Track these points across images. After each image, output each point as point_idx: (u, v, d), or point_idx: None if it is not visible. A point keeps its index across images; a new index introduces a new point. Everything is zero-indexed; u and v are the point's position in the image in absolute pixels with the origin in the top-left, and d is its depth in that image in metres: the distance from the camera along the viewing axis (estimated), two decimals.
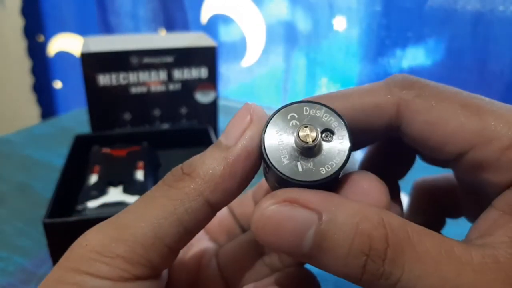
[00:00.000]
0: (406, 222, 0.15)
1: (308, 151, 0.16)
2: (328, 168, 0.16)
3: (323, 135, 0.16)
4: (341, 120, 0.16)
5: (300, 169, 0.16)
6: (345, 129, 0.16)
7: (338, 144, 0.16)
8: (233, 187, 0.17)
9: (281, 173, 0.16)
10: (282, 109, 0.17)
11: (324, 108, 0.16)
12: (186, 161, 0.18)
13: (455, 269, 0.14)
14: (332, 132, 0.16)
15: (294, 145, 0.16)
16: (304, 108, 0.17)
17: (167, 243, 0.16)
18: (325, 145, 0.16)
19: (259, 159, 0.17)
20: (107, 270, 0.16)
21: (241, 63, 0.98)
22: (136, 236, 0.16)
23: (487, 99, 0.17)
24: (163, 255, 0.17)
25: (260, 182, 0.18)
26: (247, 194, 0.24)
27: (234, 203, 0.24)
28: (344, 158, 0.16)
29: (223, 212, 0.24)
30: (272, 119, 0.16)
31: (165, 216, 0.16)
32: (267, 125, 0.16)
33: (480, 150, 0.16)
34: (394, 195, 0.23)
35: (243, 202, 0.24)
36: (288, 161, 0.16)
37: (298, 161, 0.16)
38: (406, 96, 0.17)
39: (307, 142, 0.15)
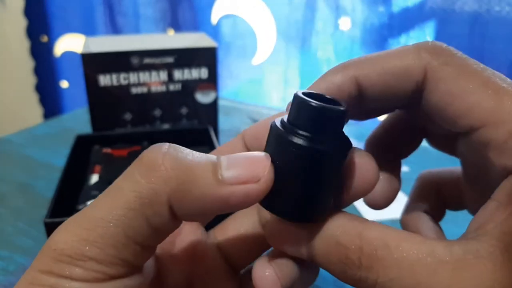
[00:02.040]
0: (385, 231, 0.16)
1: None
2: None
3: None
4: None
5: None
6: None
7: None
8: (200, 214, 0.16)
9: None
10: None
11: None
12: (170, 149, 0.16)
13: (430, 270, 0.15)
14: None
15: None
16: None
17: (139, 241, 0.16)
18: None
19: (235, 208, 0.17)
20: (81, 273, 0.15)
21: (252, 61, 1.00)
22: (105, 237, 0.15)
23: (509, 80, 0.17)
24: (136, 253, 0.16)
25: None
26: None
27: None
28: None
29: None
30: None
31: (134, 215, 0.15)
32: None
33: (490, 130, 0.16)
34: (395, 172, 0.23)
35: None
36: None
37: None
38: (434, 62, 0.17)
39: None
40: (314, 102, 0.16)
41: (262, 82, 1.01)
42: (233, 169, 0.16)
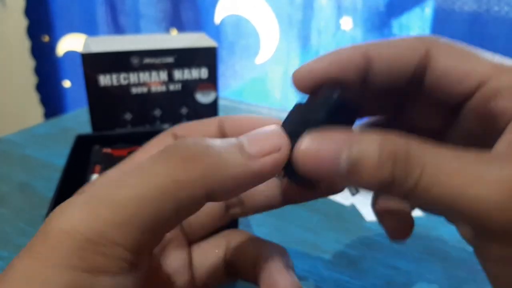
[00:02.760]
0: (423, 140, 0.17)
1: None
2: None
3: None
4: None
5: None
6: None
7: None
8: (236, 193, 0.17)
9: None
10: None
11: None
12: (199, 139, 0.17)
13: (480, 162, 0.15)
14: None
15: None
16: None
17: (161, 225, 0.15)
18: None
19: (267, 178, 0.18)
20: (104, 263, 0.13)
21: (255, 60, 1.01)
22: (135, 219, 0.14)
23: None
24: (155, 239, 0.16)
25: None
26: None
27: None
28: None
29: None
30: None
31: (166, 198, 0.15)
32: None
33: (497, 80, 0.18)
34: None
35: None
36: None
37: None
38: (435, 42, 0.20)
39: None
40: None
41: (266, 81, 1.02)
42: (255, 145, 0.17)
